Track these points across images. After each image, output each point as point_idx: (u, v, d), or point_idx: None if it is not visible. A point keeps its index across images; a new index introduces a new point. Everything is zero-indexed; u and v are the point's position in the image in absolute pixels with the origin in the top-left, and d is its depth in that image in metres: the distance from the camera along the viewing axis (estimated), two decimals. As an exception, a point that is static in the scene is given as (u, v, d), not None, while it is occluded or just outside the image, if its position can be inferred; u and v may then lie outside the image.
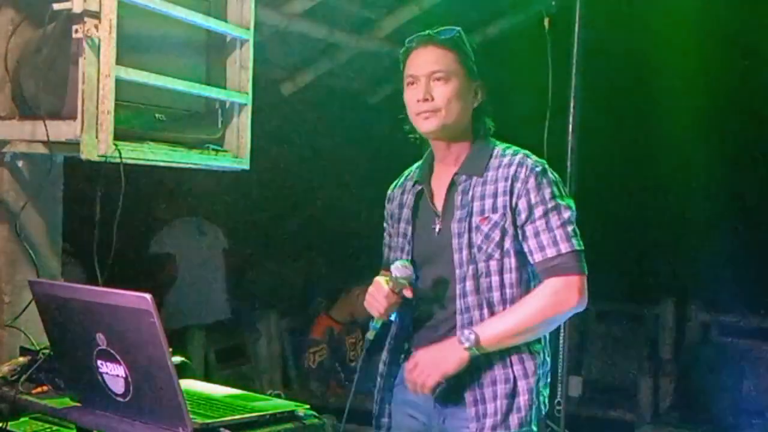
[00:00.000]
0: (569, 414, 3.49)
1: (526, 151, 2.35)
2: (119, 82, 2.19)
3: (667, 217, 5.91)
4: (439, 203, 2.37)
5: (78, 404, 1.99)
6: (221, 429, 1.83)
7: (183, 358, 2.22)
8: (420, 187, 2.42)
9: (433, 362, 2.26)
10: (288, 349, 5.34)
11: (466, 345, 2.22)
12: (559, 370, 3.40)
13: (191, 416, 1.78)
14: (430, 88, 2.29)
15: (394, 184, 2.56)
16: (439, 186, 2.39)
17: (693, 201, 5.57)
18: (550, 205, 2.27)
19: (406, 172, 2.54)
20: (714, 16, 5.02)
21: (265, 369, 5.14)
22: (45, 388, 2.11)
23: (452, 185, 2.35)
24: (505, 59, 4.73)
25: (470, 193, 2.31)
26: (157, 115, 2.39)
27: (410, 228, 2.40)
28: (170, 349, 1.75)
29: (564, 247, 2.26)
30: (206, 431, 1.82)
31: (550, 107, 3.10)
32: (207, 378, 4.10)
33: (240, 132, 2.61)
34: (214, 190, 5.36)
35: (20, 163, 2.54)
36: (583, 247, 2.28)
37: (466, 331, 2.23)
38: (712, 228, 5.55)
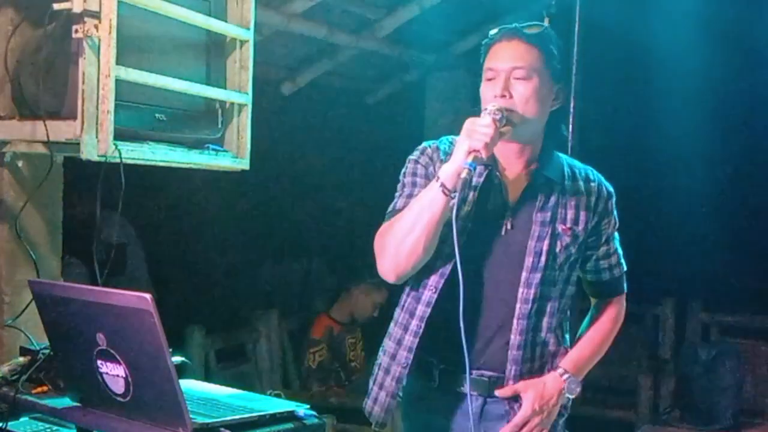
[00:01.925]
0: (569, 414, 3.48)
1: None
2: (119, 82, 2.19)
3: (667, 216, 5.90)
4: (512, 198, 2.22)
5: (78, 404, 1.99)
6: (221, 429, 1.83)
7: (183, 358, 2.22)
8: (488, 171, 2.21)
9: (548, 408, 2.21)
10: (288, 349, 5.34)
11: (572, 395, 2.25)
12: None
13: (191, 416, 1.78)
14: (510, 84, 2.14)
15: (436, 144, 2.31)
16: (510, 179, 2.23)
17: (693, 201, 5.57)
18: (616, 227, 2.33)
19: (449, 138, 2.31)
20: (714, 15, 5.02)
21: (265, 369, 5.13)
22: (45, 388, 2.11)
23: (532, 183, 2.22)
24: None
25: (553, 198, 2.21)
26: (157, 115, 2.38)
27: (474, 211, 2.19)
28: (170, 349, 1.75)
29: (623, 267, 2.38)
30: (206, 431, 1.82)
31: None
32: (207, 378, 4.11)
33: (240, 132, 2.61)
34: (213, 190, 5.36)
35: (20, 163, 2.54)
36: None
37: (572, 382, 2.23)
38: (712, 228, 5.55)
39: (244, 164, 2.62)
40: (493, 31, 2.24)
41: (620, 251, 2.35)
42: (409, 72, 5.96)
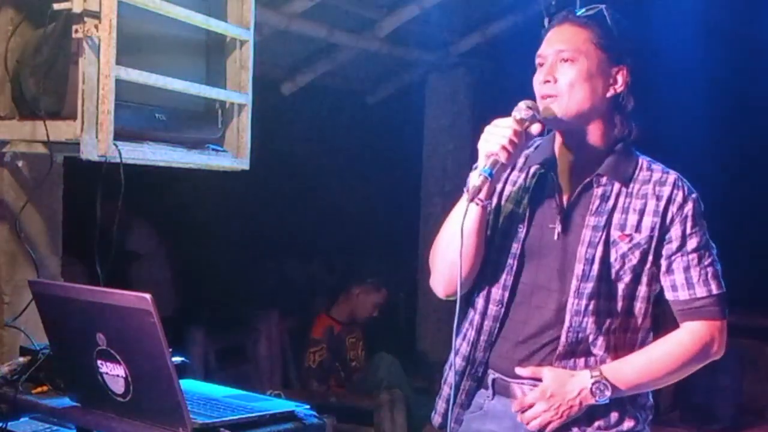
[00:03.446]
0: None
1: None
2: (119, 82, 2.19)
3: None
4: (567, 200, 2.06)
5: (78, 404, 1.99)
6: (221, 429, 1.83)
7: (183, 358, 2.22)
8: (542, 171, 2.09)
9: (563, 404, 2.01)
10: (288, 349, 5.34)
11: (599, 400, 2.00)
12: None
13: (191, 416, 1.78)
14: (555, 69, 2.02)
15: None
16: (566, 180, 2.08)
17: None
18: (703, 239, 2.06)
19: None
20: (715, 14, 5.02)
21: (265, 369, 5.13)
22: (45, 388, 2.11)
23: (589, 185, 2.05)
24: (505, 59, 4.73)
25: (611, 201, 2.03)
26: (157, 115, 2.38)
27: (527, 213, 2.07)
28: (170, 349, 1.75)
29: (714, 288, 2.04)
30: (206, 431, 1.82)
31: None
32: (207, 378, 4.10)
33: (240, 132, 2.61)
34: (213, 191, 5.36)
35: (20, 163, 2.54)
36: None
37: (601, 385, 1.99)
38: (712, 228, 5.54)
39: (243, 164, 2.62)
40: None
41: (712, 270, 2.05)
42: (409, 72, 5.96)
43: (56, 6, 2.18)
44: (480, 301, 2.12)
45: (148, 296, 1.72)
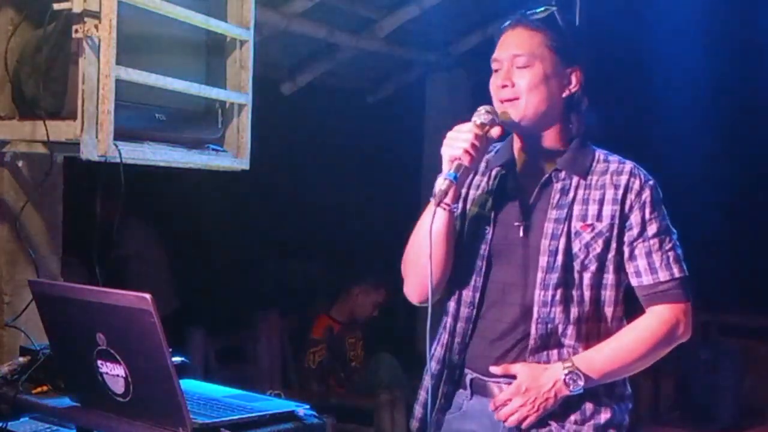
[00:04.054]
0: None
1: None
2: (119, 82, 2.19)
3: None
4: (527, 198, 2.13)
5: (78, 404, 1.99)
6: (221, 429, 1.83)
7: (183, 358, 2.22)
8: (503, 172, 2.16)
9: (538, 397, 2.03)
10: (288, 349, 5.34)
11: (573, 390, 2.03)
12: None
13: (191, 416, 1.78)
14: (512, 73, 2.08)
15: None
16: (526, 178, 2.15)
17: (693, 200, 5.57)
18: (663, 224, 2.11)
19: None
20: (715, 13, 5.02)
21: (265, 369, 5.13)
22: (45, 388, 2.11)
23: (548, 181, 2.12)
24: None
25: (570, 194, 2.09)
26: (157, 115, 2.38)
27: (492, 215, 2.13)
28: (170, 349, 1.75)
29: (677, 271, 2.09)
30: (206, 431, 1.82)
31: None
32: (207, 378, 4.10)
33: (240, 132, 2.61)
34: (213, 191, 5.36)
35: (20, 163, 2.54)
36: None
37: (573, 375, 2.02)
38: (712, 227, 5.55)
39: (243, 164, 2.62)
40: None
41: (673, 254, 2.10)
42: (409, 72, 5.96)
43: (56, 6, 2.18)
44: (452, 305, 2.18)
45: (148, 296, 1.72)
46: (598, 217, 2.08)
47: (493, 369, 2.10)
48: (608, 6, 4.56)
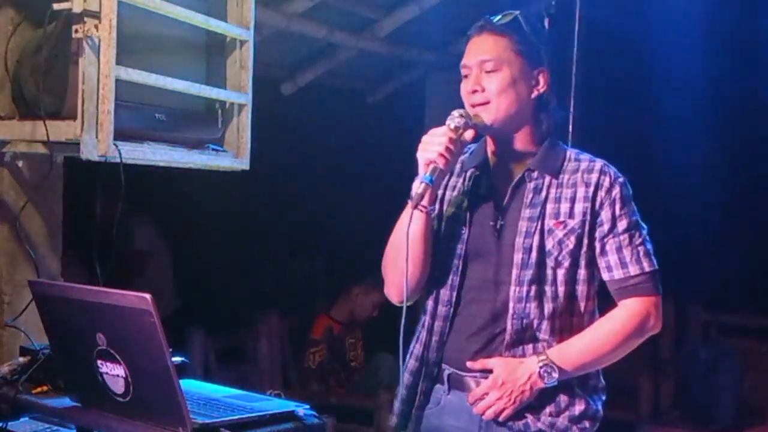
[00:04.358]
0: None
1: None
2: (119, 82, 2.19)
3: (667, 216, 5.90)
4: (501, 198, 2.19)
5: (78, 404, 1.99)
6: (221, 429, 1.83)
7: (183, 358, 2.22)
8: (477, 173, 2.23)
9: (514, 390, 2.09)
10: (288, 349, 5.34)
11: (548, 382, 2.09)
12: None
13: (191, 416, 1.78)
14: (481, 78, 2.17)
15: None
16: (500, 179, 2.21)
17: (693, 200, 5.57)
18: (633, 220, 2.16)
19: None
20: (715, 13, 5.02)
21: (265, 369, 5.13)
22: (45, 388, 2.11)
23: (521, 181, 2.18)
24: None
25: (543, 193, 2.15)
26: (157, 115, 2.39)
27: (467, 216, 2.19)
28: (170, 349, 1.75)
29: (647, 266, 2.14)
30: (206, 431, 1.82)
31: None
32: (207, 378, 4.11)
33: (240, 132, 2.61)
34: (213, 190, 5.36)
35: (20, 163, 2.54)
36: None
37: (548, 368, 2.08)
38: (712, 227, 5.55)
39: (243, 164, 2.62)
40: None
41: (643, 249, 2.15)
42: (409, 72, 5.96)
43: (56, 6, 2.18)
44: (430, 303, 2.24)
45: (148, 296, 1.72)
46: (570, 214, 2.14)
47: (470, 364, 2.16)
48: (608, 6, 4.55)
